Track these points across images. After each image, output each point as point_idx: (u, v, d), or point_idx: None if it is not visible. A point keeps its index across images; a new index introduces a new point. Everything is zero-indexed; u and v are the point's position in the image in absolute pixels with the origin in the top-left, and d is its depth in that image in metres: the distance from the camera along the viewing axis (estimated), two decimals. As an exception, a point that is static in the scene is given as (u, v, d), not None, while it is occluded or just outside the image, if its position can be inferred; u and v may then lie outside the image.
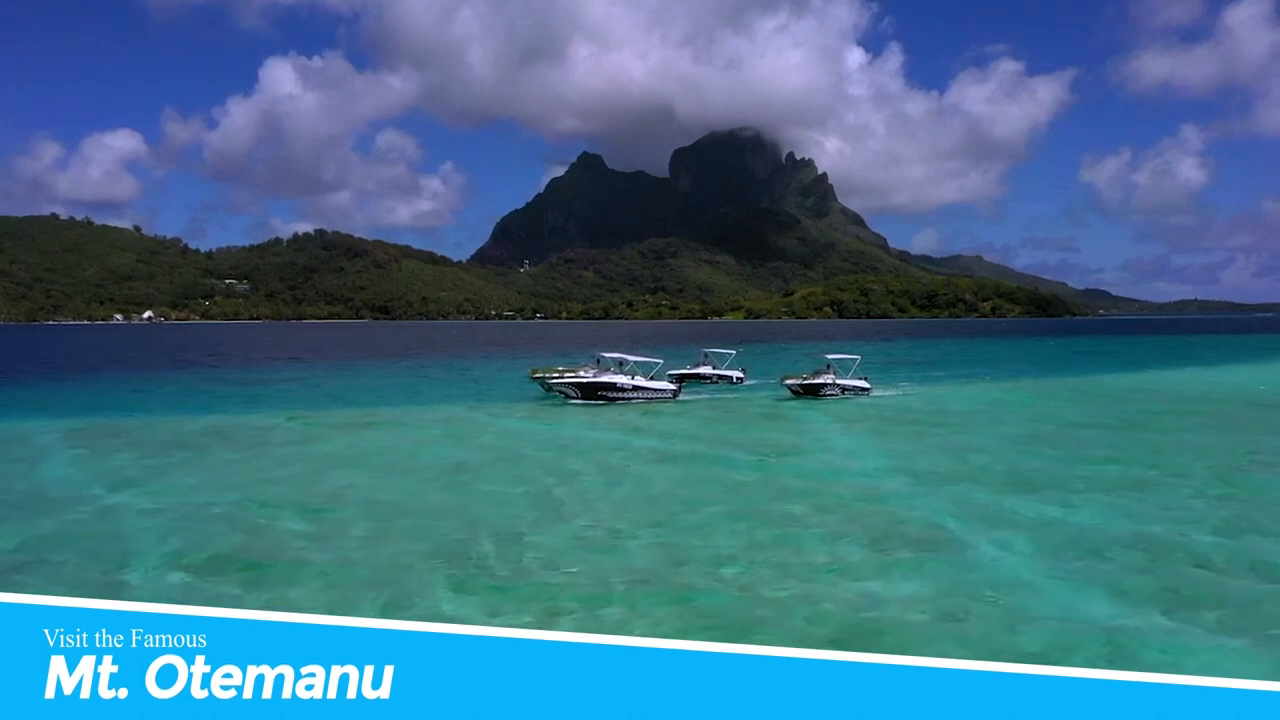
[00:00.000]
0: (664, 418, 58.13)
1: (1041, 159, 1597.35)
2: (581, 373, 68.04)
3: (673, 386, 69.05)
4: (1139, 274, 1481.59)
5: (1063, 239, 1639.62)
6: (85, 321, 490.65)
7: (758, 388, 78.96)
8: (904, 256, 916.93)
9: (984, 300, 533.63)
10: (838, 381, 70.01)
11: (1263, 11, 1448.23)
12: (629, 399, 66.16)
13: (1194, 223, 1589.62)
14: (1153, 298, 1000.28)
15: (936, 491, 33.68)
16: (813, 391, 68.72)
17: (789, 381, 69.97)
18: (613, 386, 66.26)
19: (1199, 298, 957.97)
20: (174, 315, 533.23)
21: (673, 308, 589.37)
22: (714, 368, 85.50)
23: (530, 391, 71.92)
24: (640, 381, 67.48)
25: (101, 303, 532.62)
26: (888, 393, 73.87)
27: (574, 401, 65.50)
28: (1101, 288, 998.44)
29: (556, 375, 68.45)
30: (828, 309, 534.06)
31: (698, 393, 74.61)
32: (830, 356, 73.71)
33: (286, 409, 63.59)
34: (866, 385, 71.96)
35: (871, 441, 47.24)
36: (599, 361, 70.62)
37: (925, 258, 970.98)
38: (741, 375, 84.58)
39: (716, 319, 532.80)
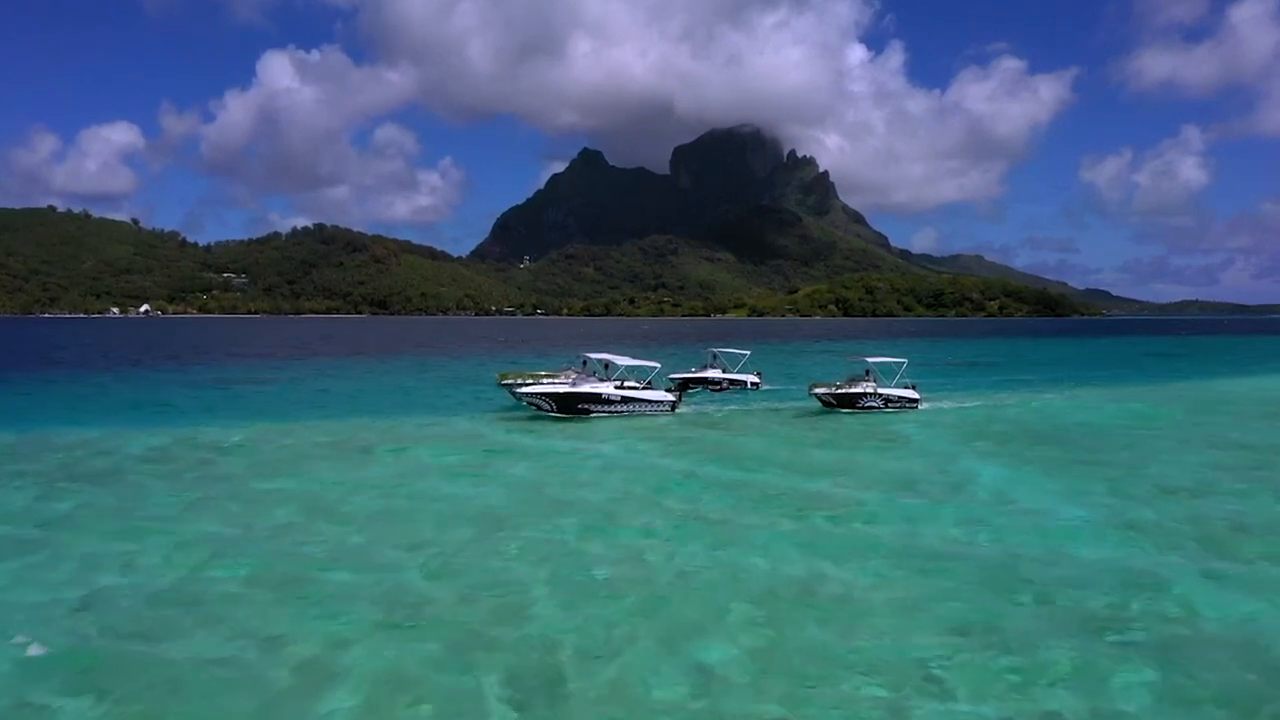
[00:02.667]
0: (668, 441, 44.87)
1: (1041, 159, 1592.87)
2: (561, 378, 54.92)
3: (670, 397, 55.46)
4: (1138, 275, 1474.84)
5: (1062, 239, 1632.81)
6: (81, 314, 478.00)
7: (776, 395, 66.50)
8: (905, 255, 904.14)
9: (991, 300, 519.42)
10: (880, 391, 56.63)
11: (1267, 10, 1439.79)
12: (616, 412, 53.06)
13: (1193, 224, 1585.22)
14: (1152, 298, 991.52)
15: (1231, 578, 20.69)
16: (848, 403, 55.80)
17: (818, 390, 56.67)
18: (596, 398, 53.02)
19: (1200, 299, 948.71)
20: (171, 309, 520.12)
21: (675, 305, 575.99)
22: (724, 370, 72.39)
23: (499, 400, 58.63)
24: (632, 391, 54.02)
25: (98, 296, 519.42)
26: (955, 404, 60.74)
27: (548, 414, 52.37)
28: (1101, 288, 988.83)
29: (530, 381, 54.75)
30: (832, 307, 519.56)
31: (706, 402, 61.79)
32: (871, 360, 59.72)
33: (246, 421, 51.15)
34: (915, 395, 57.85)
35: (1023, 476, 34.04)
36: (585, 364, 57.67)
37: (926, 256, 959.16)
38: (757, 380, 71.97)
39: (720, 316, 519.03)
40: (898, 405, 56.51)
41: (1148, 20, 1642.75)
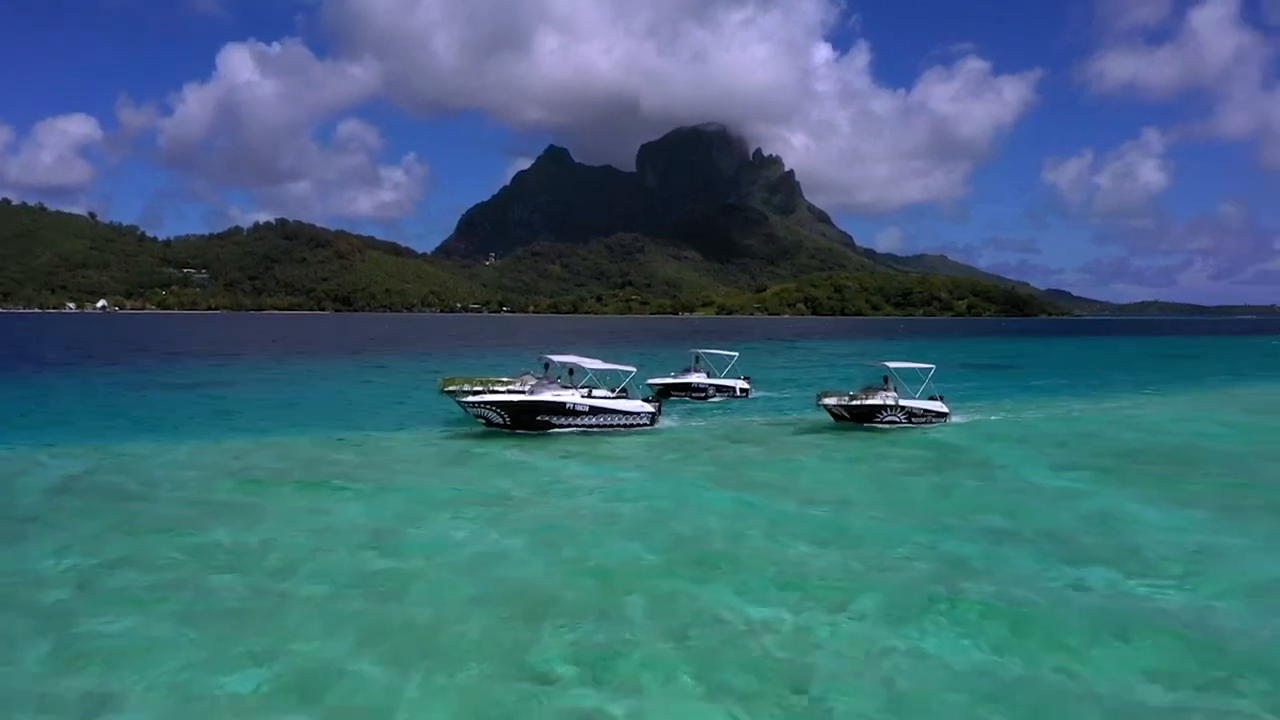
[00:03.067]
0: (693, 461, 36.39)
1: (1005, 160, 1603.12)
2: (516, 384, 45.56)
3: (649, 407, 46.19)
4: (1099, 275, 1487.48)
5: (1024, 240, 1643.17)
6: (36, 310, 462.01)
7: (769, 404, 58.02)
8: (870, 255, 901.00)
9: (959, 299, 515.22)
10: (902, 403, 47.55)
11: (1228, 14, 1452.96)
12: (584, 427, 43.89)
13: (1153, 225, 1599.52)
14: (1112, 299, 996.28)
15: None
16: (864, 416, 46.77)
17: (829, 401, 46.78)
18: (559, 409, 43.64)
19: (1160, 299, 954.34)
20: (129, 304, 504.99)
21: (643, 302, 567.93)
22: (708, 375, 62.57)
23: (445, 411, 49.32)
24: (603, 401, 44.69)
25: (53, 291, 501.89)
26: (1005, 415, 52.67)
27: (500, 429, 42.98)
28: (1063, 288, 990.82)
29: (479, 389, 45.29)
30: (801, 306, 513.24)
31: (691, 413, 52.50)
32: (892, 365, 49.82)
33: (176, 438, 41.45)
34: (944, 408, 48.93)
35: (1195, 521, 25.87)
36: (547, 368, 48.09)
37: (891, 256, 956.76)
38: (746, 386, 62.66)
39: (688, 314, 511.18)
40: (923, 419, 47.73)
41: (1110, 23, 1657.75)
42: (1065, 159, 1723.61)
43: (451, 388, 46.87)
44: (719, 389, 61.41)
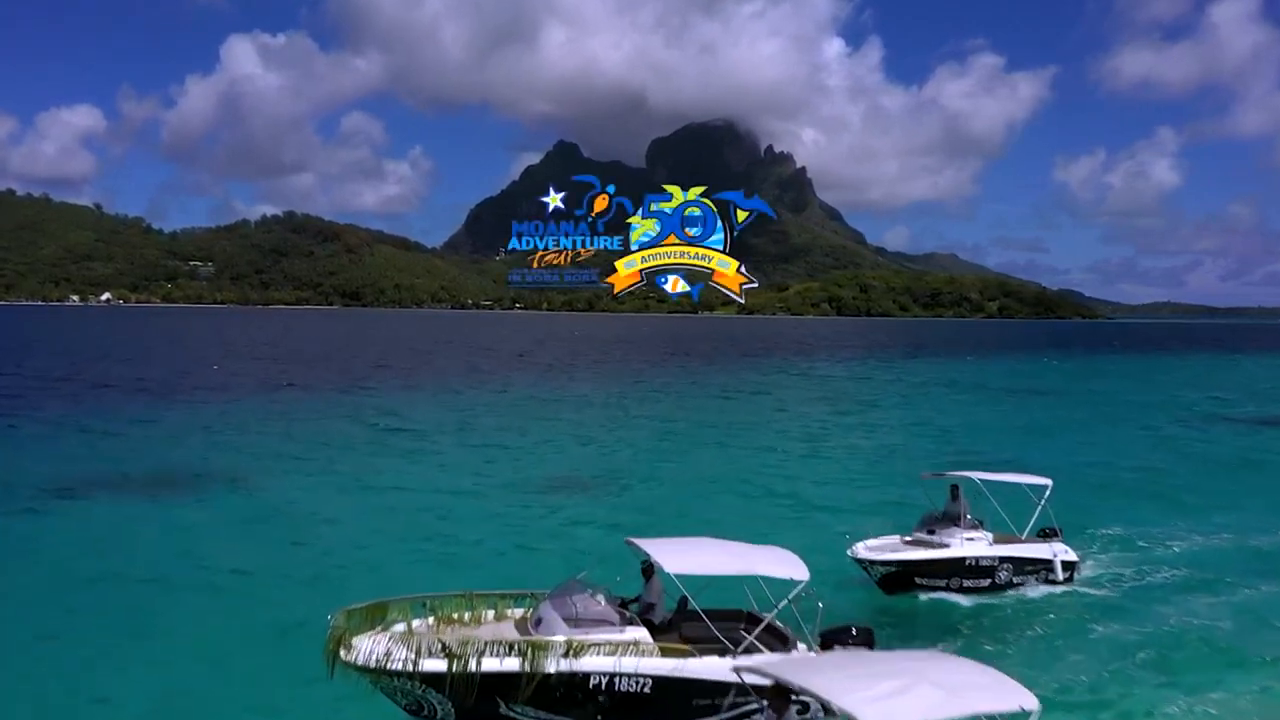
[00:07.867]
0: None
1: (1015, 158, 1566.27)
2: (549, 659, 13.00)
3: None
4: (1106, 275, 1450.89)
5: (1031, 239, 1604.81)
6: (39, 302, 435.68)
7: (1145, 615, 21.14)
8: (880, 253, 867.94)
9: (990, 300, 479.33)
10: None
11: (1248, 10, 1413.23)
12: None
13: (1162, 225, 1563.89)
14: (1121, 299, 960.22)
15: None
16: None
17: None
18: None
19: (1171, 300, 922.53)
20: (134, 298, 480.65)
21: (660, 300, 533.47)
22: (990, 532, 23.62)
23: None
24: None
25: (57, 283, 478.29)
26: None
27: None
28: (1071, 288, 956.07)
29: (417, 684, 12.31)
30: (825, 305, 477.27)
31: None
32: None
33: None
34: None
35: None
36: (649, 578, 16.21)
37: (901, 255, 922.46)
38: (1071, 556, 23.93)
39: (709, 314, 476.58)
40: None
41: (1128, 17, 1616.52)
42: (1076, 157, 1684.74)
43: (356, 660, 12.22)
44: (1018, 565, 23.40)
